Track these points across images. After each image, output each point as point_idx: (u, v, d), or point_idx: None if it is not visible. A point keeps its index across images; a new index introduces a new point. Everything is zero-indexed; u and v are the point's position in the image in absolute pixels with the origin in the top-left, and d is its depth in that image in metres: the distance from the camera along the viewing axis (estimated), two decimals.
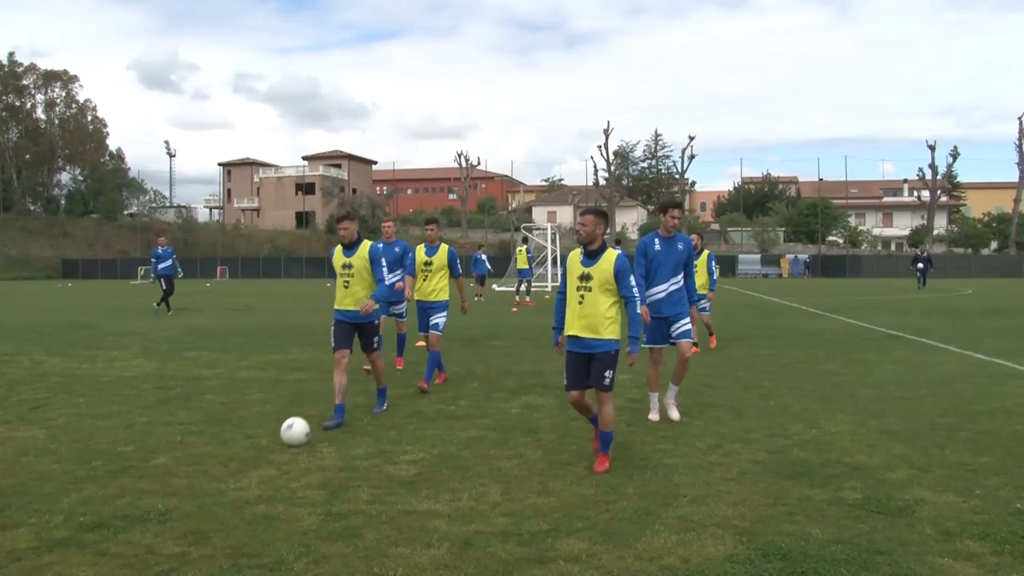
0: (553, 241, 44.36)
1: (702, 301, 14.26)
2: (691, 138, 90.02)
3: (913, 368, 12.27)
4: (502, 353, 14.23)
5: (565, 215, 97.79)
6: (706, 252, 14.41)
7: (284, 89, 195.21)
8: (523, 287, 28.75)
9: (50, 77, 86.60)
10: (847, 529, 5.14)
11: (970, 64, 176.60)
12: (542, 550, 4.84)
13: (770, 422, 8.40)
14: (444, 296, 10.91)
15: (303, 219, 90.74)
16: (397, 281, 11.47)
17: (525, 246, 29.79)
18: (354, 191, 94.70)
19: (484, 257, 32.26)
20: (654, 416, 8.62)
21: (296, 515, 5.53)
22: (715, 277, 14.95)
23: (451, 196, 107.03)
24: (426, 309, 10.84)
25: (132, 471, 6.65)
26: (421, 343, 15.50)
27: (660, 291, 8.49)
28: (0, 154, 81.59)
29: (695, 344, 12.46)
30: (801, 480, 6.23)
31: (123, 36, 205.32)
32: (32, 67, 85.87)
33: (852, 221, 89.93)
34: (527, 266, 28.97)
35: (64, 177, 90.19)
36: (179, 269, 23.84)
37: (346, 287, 8.65)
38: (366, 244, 8.70)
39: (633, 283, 6.60)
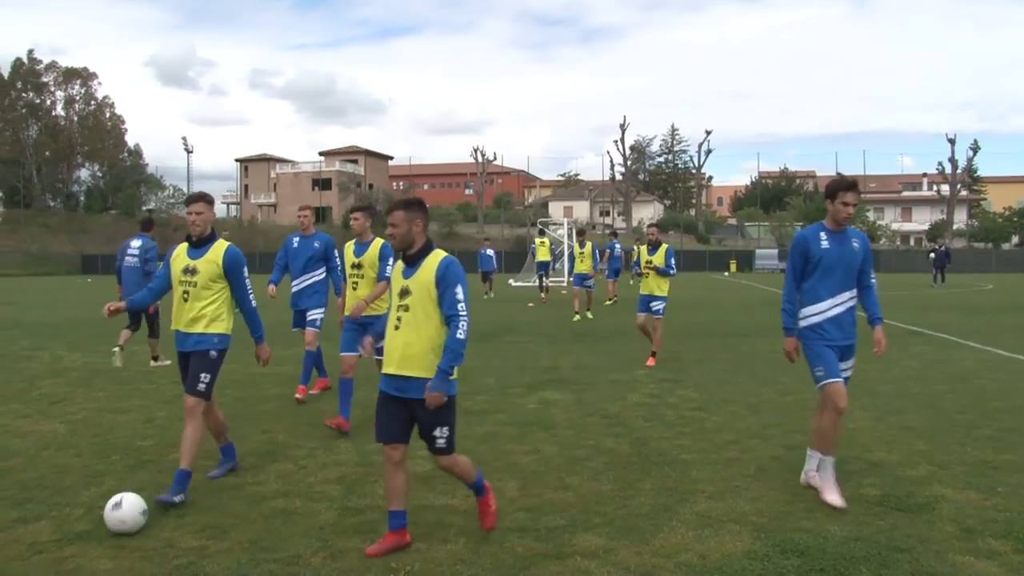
0: (569, 236, 44.24)
1: (659, 302, 12.38)
2: (708, 132, 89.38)
3: (933, 364, 12.18)
4: (518, 348, 14.22)
5: (582, 210, 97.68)
6: (665, 246, 12.68)
7: (300, 85, 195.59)
8: (544, 281, 27.97)
9: (69, 74, 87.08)
10: (866, 526, 5.11)
11: (991, 57, 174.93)
12: (559, 545, 4.83)
13: (788, 418, 8.36)
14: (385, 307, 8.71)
15: (320, 215, 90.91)
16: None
17: (545, 238, 28.80)
18: (371, 186, 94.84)
19: (491, 253, 30.65)
20: (823, 489, 5.71)
21: (313, 510, 5.54)
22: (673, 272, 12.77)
23: (467, 191, 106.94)
24: (365, 327, 7.76)
25: (151, 465, 6.68)
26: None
27: (828, 309, 5.95)
28: (20, 151, 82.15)
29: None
30: None
31: (140, 33, 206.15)
32: (52, 65, 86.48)
33: (870, 216, 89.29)
34: (548, 258, 28.10)
35: (83, 173, 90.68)
36: None
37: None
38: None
39: (461, 296, 4.75)
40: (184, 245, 6.17)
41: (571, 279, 24.59)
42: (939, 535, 4.96)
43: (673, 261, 12.33)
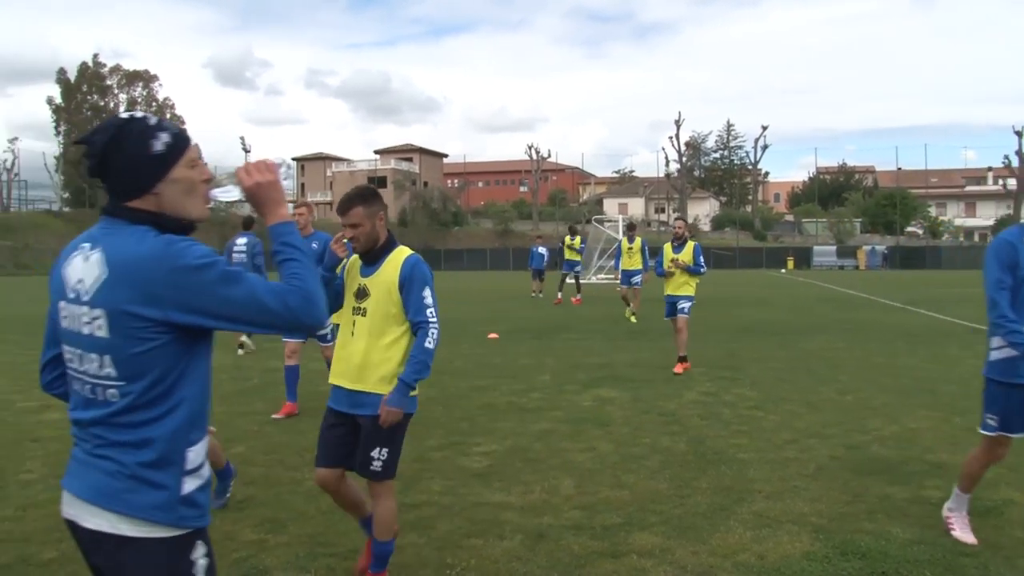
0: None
1: (684, 302, 11.33)
2: (764, 128, 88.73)
3: None
4: (572, 345, 14.19)
5: (636, 207, 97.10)
6: (692, 243, 11.57)
7: (355, 84, 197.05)
8: (568, 280, 26.20)
9: (132, 77, 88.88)
10: (930, 529, 5.00)
11: None
12: (615, 544, 4.81)
13: (847, 417, 8.22)
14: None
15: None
16: None
17: (576, 238, 27.22)
18: (425, 184, 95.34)
19: (543, 250, 28.78)
20: (961, 533, 4.90)
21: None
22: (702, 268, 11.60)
23: (522, 188, 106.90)
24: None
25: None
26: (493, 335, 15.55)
27: None
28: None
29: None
30: (881, 477, 6.09)
31: (199, 35, 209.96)
32: (116, 68, 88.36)
33: (932, 211, 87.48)
34: (577, 258, 26.20)
35: None
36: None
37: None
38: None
39: (430, 300, 4.16)
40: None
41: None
42: (1008, 540, 4.83)
43: (702, 259, 11.27)
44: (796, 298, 27.45)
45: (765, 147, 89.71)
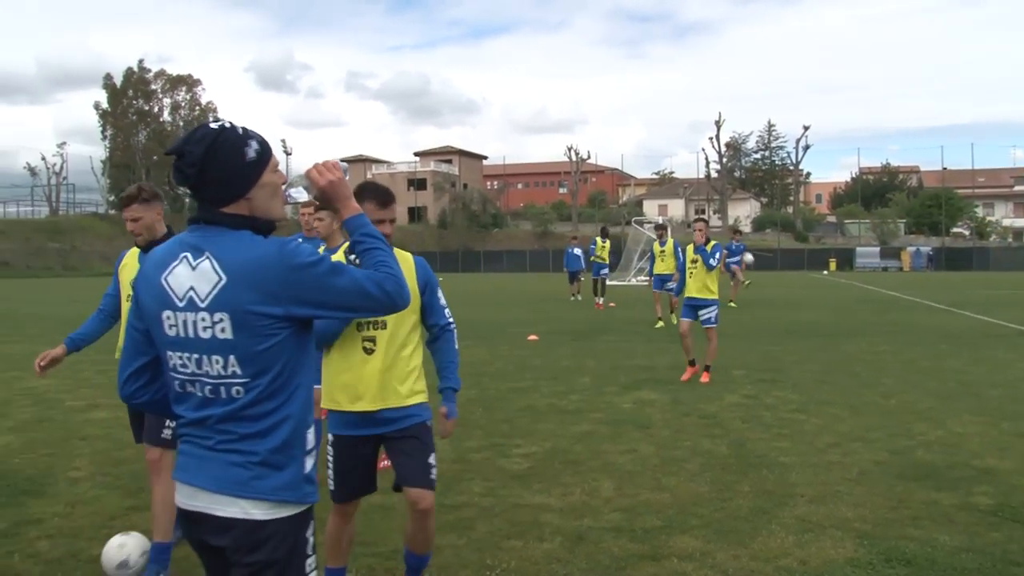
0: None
1: (709, 310, 10.82)
2: (805, 128, 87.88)
3: None
4: (613, 347, 14.15)
5: (676, 208, 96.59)
6: (713, 242, 11.26)
7: (395, 86, 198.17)
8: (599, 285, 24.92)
9: (176, 81, 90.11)
10: (978, 537, 4.91)
11: None
12: (655, 547, 4.79)
13: (891, 421, 8.12)
14: None
15: (415, 214, 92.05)
16: None
17: (607, 240, 26.19)
18: (465, 186, 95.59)
19: (578, 251, 27.41)
20: None
21: None
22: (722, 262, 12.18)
23: (561, 190, 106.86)
24: None
25: None
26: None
27: None
28: (131, 156, 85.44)
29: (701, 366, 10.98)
30: (926, 483, 6.00)
31: (241, 39, 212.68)
32: (160, 73, 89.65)
33: (979, 212, 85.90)
34: (606, 261, 25.14)
35: None
36: None
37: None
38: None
39: (444, 300, 4.05)
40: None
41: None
42: None
43: (719, 255, 10.85)
44: (838, 300, 27.14)
45: (807, 147, 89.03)
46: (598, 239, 25.00)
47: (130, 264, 4.96)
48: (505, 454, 6.99)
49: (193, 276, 2.30)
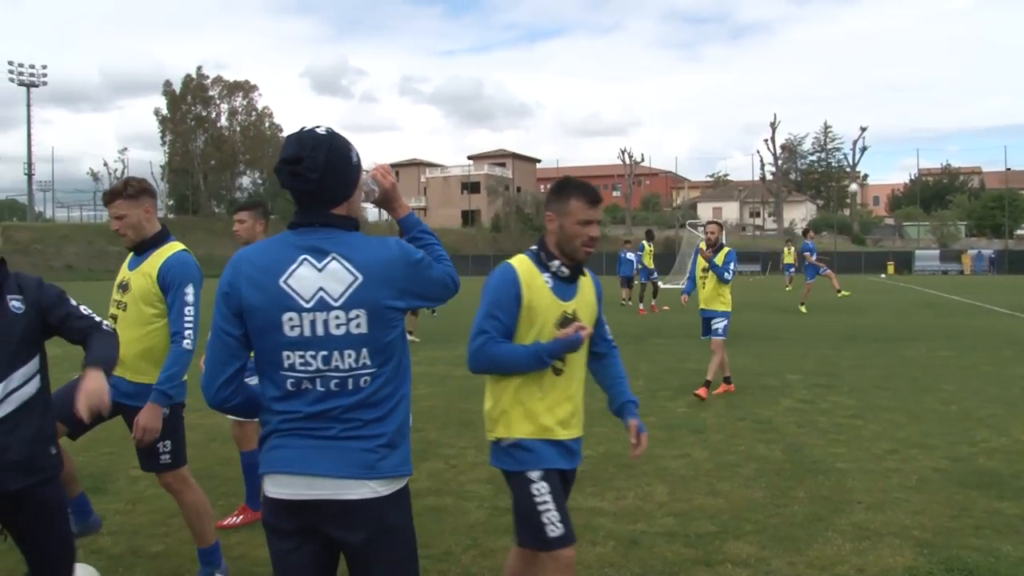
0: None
1: (718, 321, 9.91)
2: (863, 129, 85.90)
3: None
4: (667, 351, 14.07)
5: (731, 211, 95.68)
6: (726, 249, 10.54)
7: (448, 90, 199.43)
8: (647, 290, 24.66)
9: (233, 88, 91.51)
10: None
11: None
12: (709, 552, 4.76)
13: (952, 428, 7.95)
14: None
15: (469, 218, 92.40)
16: None
17: (652, 244, 25.57)
18: (519, 190, 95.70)
19: (631, 256, 25.46)
20: None
21: (464, 508, 5.64)
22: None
23: (615, 193, 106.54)
24: None
25: None
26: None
27: None
28: (189, 161, 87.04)
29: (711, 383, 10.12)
30: (989, 491, 5.86)
31: (297, 45, 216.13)
32: (218, 79, 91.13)
33: None
34: (652, 265, 24.70)
35: (245, 181, 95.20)
36: None
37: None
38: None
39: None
40: None
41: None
42: None
43: (732, 266, 9.78)
44: (897, 304, 26.65)
45: (864, 149, 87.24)
46: (645, 243, 24.76)
47: (122, 270, 4.55)
48: None
49: (321, 277, 2.43)
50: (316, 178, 2.44)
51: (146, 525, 5.33)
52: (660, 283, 25.50)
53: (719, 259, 9.84)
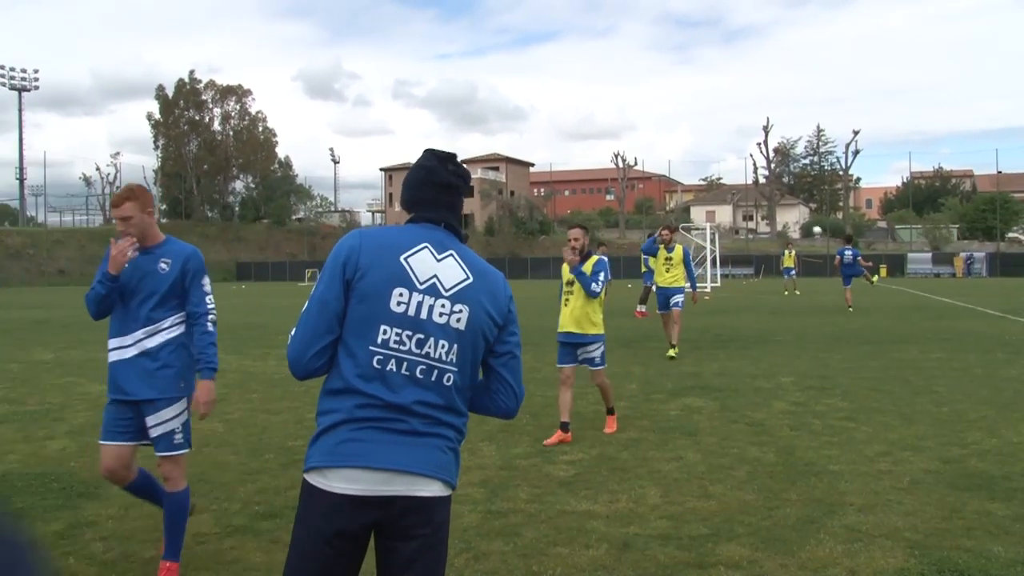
0: (712, 241, 43.69)
1: (592, 348, 8.21)
2: (855, 132, 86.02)
3: None
4: (660, 354, 14.07)
5: (724, 214, 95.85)
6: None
7: (442, 94, 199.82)
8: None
9: (226, 92, 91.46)
10: None
11: None
12: (702, 555, 4.77)
13: (944, 430, 7.98)
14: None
15: (462, 221, 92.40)
16: None
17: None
18: (512, 193, 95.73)
19: (605, 260, 25.16)
20: None
21: (457, 512, 5.63)
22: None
23: (608, 197, 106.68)
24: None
25: (301, 464, 6.93)
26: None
27: None
28: (182, 165, 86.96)
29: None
30: (980, 493, 5.89)
31: (290, 49, 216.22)
32: (211, 83, 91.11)
33: None
34: (648, 269, 23.13)
35: (238, 185, 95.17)
36: None
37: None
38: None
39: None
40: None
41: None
42: None
43: (604, 277, 8.12)
44: (889, 306, 26.72)
45: (856, 152, 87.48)
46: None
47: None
48: (551, 461, 7.00)
49: (438, 266, 2.54)
50: (466, 182, 2.66)
51: (139, 530, 5.32)
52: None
53: (587, 268, 8.04)
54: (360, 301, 2.47)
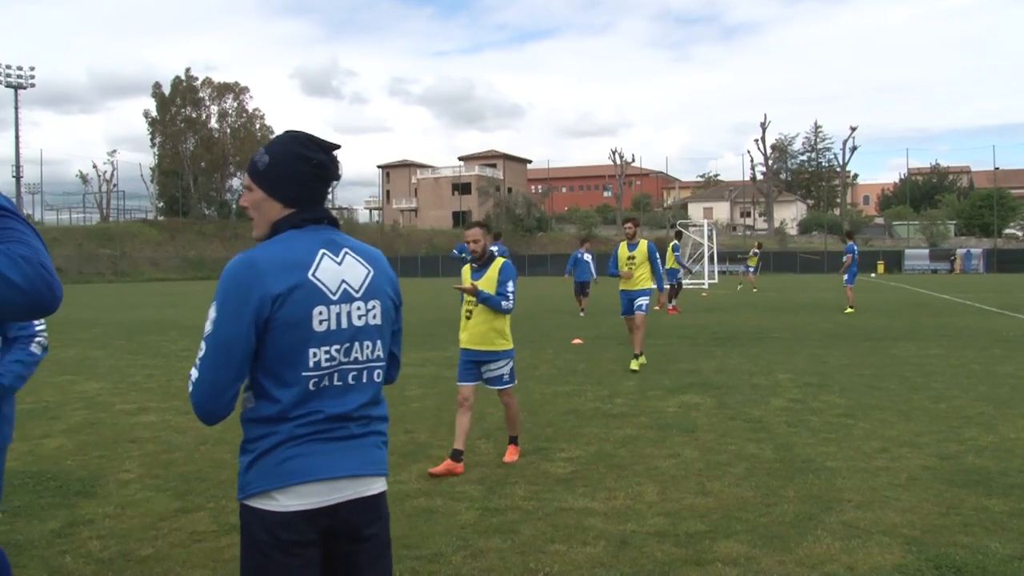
0: (710, 238, 43.70)
1: (500, 365, 6.87)
2: (853, 129, 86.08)
3: None
4: (658, 352, 14.08)
5: (722, 211, 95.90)
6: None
7: (439, 91, 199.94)
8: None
9: (223, 89, 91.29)
10: None
11: None
12: (699, 551, 4.76)
13: (941, 426, 7.98)
14: None
15: (460, 218, 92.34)
16: None
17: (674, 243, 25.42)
18: (509, 190, 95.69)
19: (588, 257, 22.59)
20: None
21: (454, 509, 5.64)
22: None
23: (606, 194, 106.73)
24: None
25: None
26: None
27: None
28: (179, 163, 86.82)
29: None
30: (977, 489, 5.89)
31: (287, 46, 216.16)
32: (207, 81, 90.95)
33: None
34: (675, 266, 24.41)
35: (235, 182, 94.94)
36: None
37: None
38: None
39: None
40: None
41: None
42: None
43: (512, 287, 6.73)
44: (887, 303, 26.74)
45: (854, 148, 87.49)
46: (676, 242, 25.01)
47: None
48: (549, 458, 6.99)
49: (341, 270, 2.45)
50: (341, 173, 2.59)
51: (136, 529, 5.31)
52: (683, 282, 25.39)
53: (489, 277, 6.75)
54: (284, 332, 2.36)
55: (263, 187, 2.49)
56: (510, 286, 6.71)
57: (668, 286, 23.67)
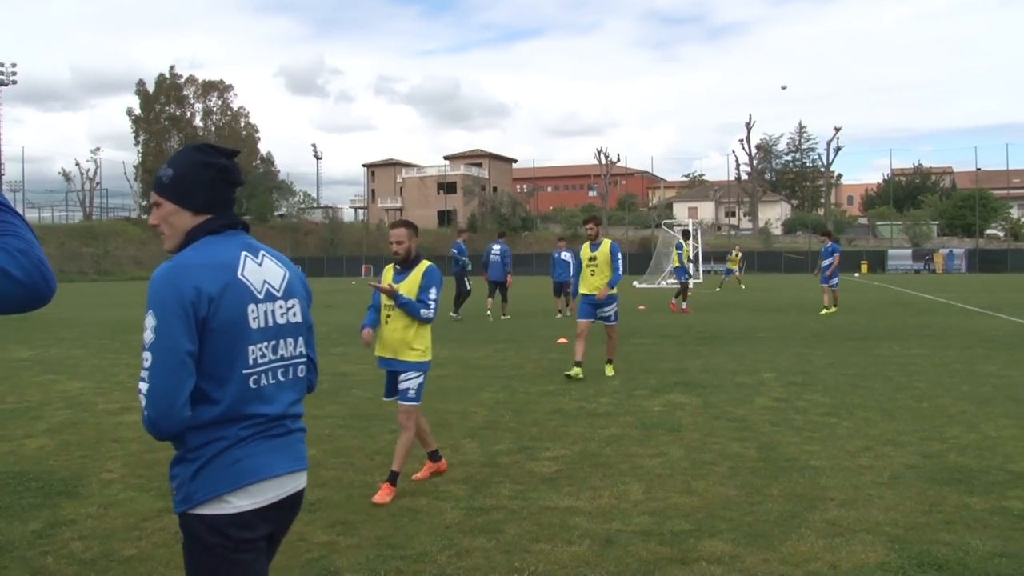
0: (695, 238, 43.80)
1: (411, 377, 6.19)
2: (837, 129, 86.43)
3: None
4: (644, 351, 14.11)
5: (707, 211, 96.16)
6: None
7: (425, 90, 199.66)
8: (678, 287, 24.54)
9: (207, 87, 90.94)
10: (1013, 541, 4.85)
11: None
12: (684, 550, 4.78)
13: (924, 425, 8.03)
14: None
15: (445, 218, 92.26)
16: None
17: (687, 242, 24.96)
18: (495, 189, 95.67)
19: (567, 256, 21.71)
20: None
21: (439, 509, 5.64)
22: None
23: (591, 193, 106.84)
24: None
25: None
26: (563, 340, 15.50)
27: None
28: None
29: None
30: (959, 487, 5.93)
31: (272, 44, 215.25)
32: (191, 79, 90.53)
33: (1014, 213, 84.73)
34: (679, 264, 24.87)
35: None
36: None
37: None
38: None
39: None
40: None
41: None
42: None
43: (435, 294, 6.08)
44: (871, 303, 26.87)
45: (838, 149, 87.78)
46: (682, 242, 25.07)
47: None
48: (534, 457, 7.00)
49: (262, 271, 2.54)
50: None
51: (119, 529, 5.28)
52: (691, 283, 25.35)
53: (411, 282, 6.10)
54: (222, 331, 2.38)
55: (171, 199, 2.54)
56: (432, 293, 6.04)
57: (679, 283, 23.73)
